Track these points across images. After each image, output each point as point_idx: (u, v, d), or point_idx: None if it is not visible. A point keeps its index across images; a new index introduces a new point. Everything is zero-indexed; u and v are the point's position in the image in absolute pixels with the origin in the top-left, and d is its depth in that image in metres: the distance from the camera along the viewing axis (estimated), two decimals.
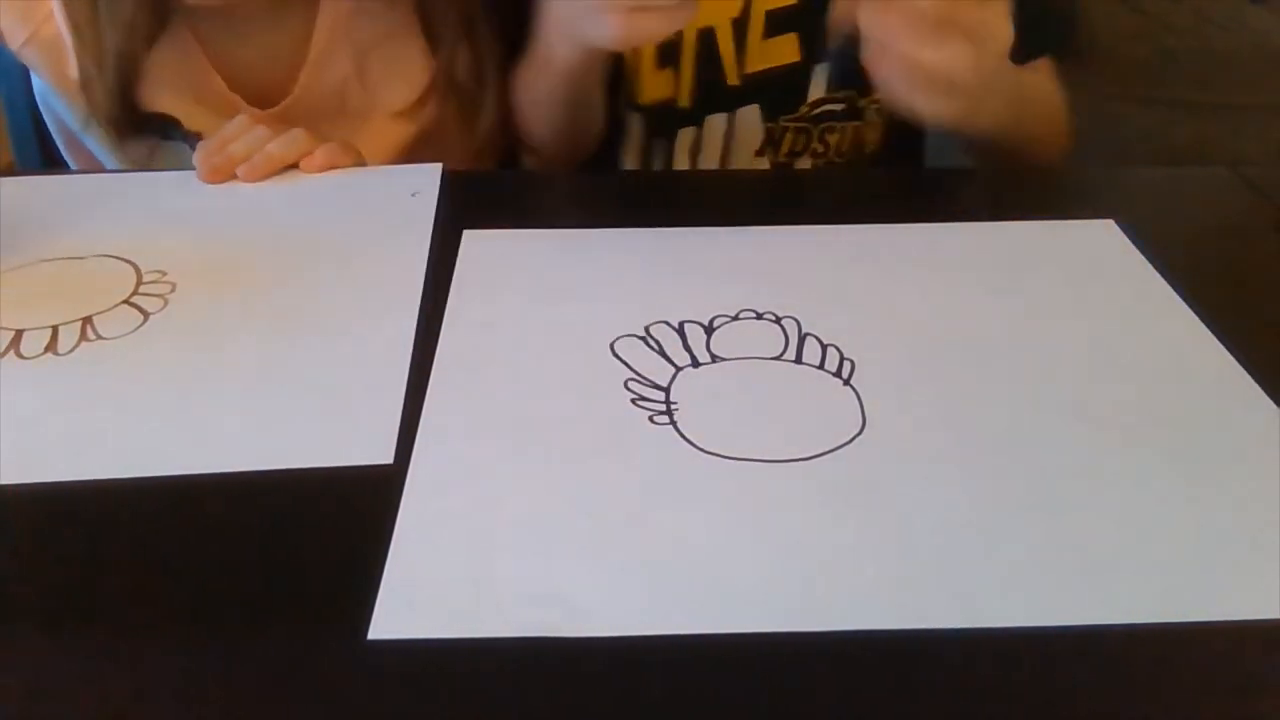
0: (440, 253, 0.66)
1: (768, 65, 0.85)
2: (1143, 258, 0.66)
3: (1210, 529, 0.46)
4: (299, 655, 0.41)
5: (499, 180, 0.84)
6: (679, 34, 0.82)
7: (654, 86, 0.86)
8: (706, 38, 0.84)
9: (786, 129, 0.89)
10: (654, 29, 0.66)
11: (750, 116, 0.87)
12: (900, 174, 0.82)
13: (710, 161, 0.90)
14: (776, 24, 0.83)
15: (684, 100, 0.87)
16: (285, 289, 0.63)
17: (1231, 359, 0.57)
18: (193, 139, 0.80)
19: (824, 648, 0.41)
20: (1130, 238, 0.68)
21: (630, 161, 0.91)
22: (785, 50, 0.84)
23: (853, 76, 0.83)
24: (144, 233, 0.68)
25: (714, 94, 0.86)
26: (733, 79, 0.85)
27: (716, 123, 0.88)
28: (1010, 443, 0.51)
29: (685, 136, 0.89)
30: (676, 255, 0.66)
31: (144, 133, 0.83)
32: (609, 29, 0.66)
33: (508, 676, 0.40)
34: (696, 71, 0.85)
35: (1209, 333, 0.59)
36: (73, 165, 0.91)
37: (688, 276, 0.64)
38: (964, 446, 0.51)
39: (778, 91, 0.87)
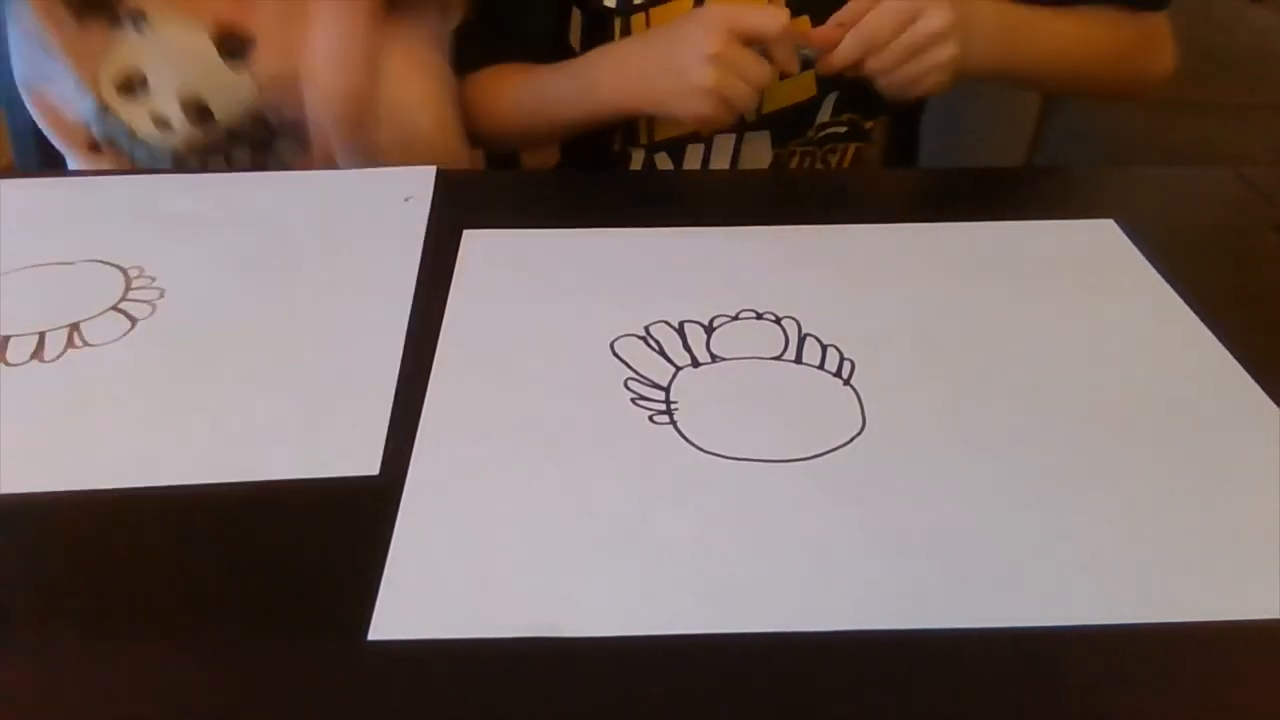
0: (440, 253, 0.66)
1: (784, 104, 0.85)
2: (1143, 258, 0.66)
3: (1210, 529, 0.46)
4: (299, 656, 0.41)
5: (499, 180, 0.84)
6: None
7: (669, 125, 0.87)
8: None
9: (794, 152, 0.89)
10: (735, 111, 0.74)
11: (759, 141, 0.88)
12: (900, 174, 0.83)
13: None
14: None
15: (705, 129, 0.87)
16: (275, 296, 0.62)
17: (1231, 359, 0.57)
18: None
19: (824, 648, 0.41)
20: (1130, 238, 0.68)
21: None
22: (802, 87, 0.84)
23: (856, 102, 0.85)
24: (133, 237, 0.68)
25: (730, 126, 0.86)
26: (749, 117, 0.85)
27: (724, 142, 0.88)
28: (1010, 442, 0.51)
29: (694, 152, 0.89)
30: (676, 255, 0.66)
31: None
32: (701, 108, 0.73)
33: (508, 676, 0.40)
34: None
35: (1209, 333, 0.59)
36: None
37: (688, 276, 0.64)
38: (964, 446, 0.51)
39: (789, 121, 0.87)
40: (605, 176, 0.87)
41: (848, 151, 0.91)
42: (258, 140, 0.83)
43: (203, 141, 0.82)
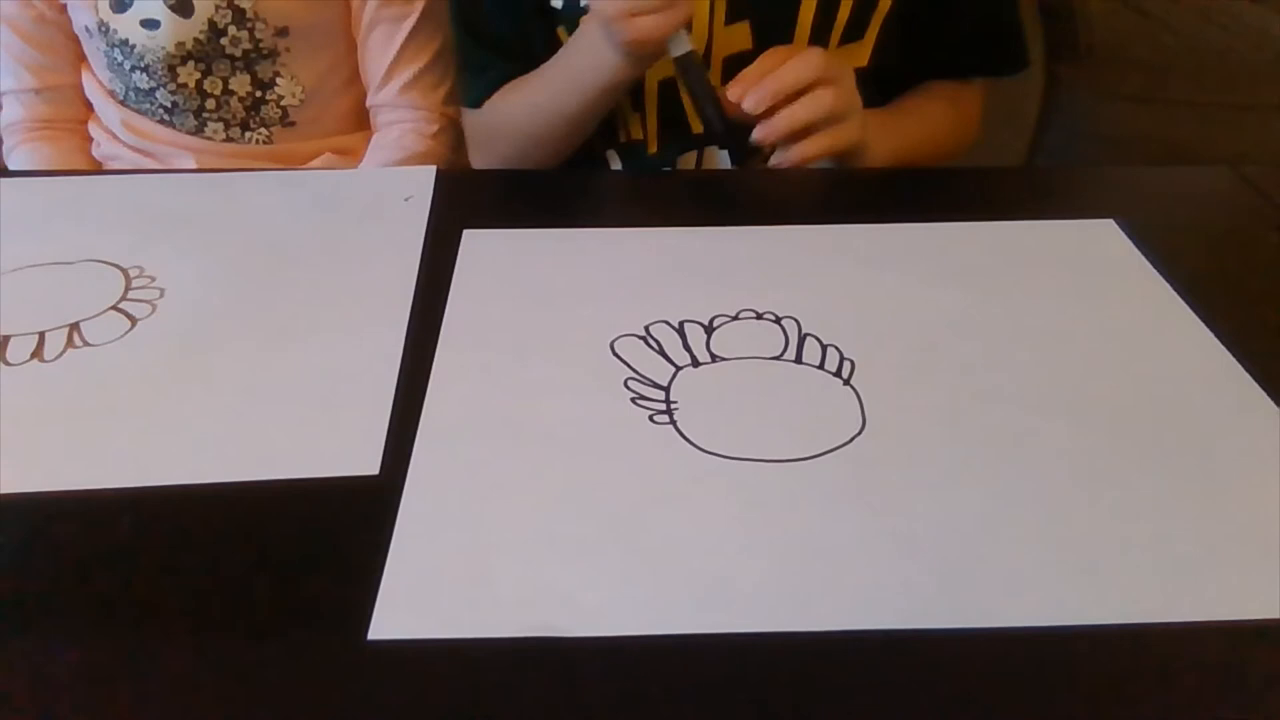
0: (440, 253, 0.66)
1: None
2: (1143, 258, 0.66)
3: (1210, 529, 0.46)
4: (299, 656, 0.41)
5: (499, 180, 0.84)
6: (643, 81, 0.83)
7: (633, 126, 0.87)
8: (667, 88, 0.84)
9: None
10: (656, 27, 0.71)
11: (720, 155, 0.87)
12: (899, 174, 0.82)
13: None
14: (733, 70, 0.79)
15: (652, 146, 0.87)
16: (275, 296, 0.62)
17: (1231, 359, 0.57)
18: None
19: (824, 648, 0.41)
20: (1130, 238, 0.68)
21: None
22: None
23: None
24: (133, 237, 0.68)
25: (679, 139, 0.86)
26: (696, 127, 0.85)
27: (688, 161, 0.88)
28: (1010, 442, 0.51)
29: (688, 157, 0.88)
30: (676, 255, 0.66)
31: None
32: (620, 35, 0.72)
33: (508, 676, 0.40)
34: (661, 118, 0.86)
35: (1209, 333, 0.59)
36: None
37: (688, 276, 0.64)
38: (964, 446, 0.51)
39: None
40: (604, 176, 0.87)
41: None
42: (246, 54, 0.93)
43: (189, 39, 0.91)
